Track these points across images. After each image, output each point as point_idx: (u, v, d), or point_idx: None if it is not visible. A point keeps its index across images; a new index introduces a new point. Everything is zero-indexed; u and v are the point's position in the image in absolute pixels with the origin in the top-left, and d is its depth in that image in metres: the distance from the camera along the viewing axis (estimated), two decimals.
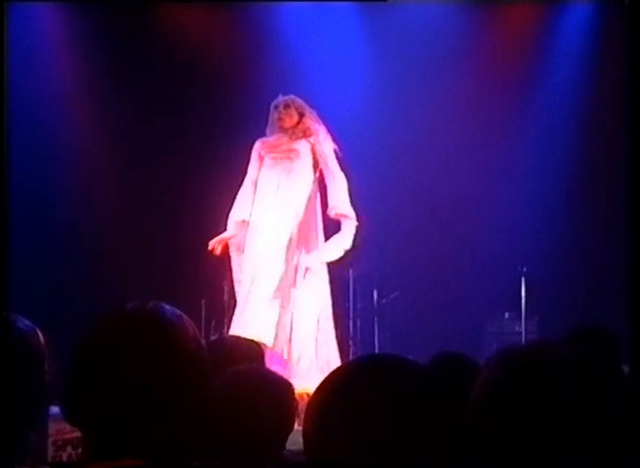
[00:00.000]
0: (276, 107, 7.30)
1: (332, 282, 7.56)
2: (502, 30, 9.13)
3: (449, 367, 2.71)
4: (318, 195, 7.29)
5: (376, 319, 8.48)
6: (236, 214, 7.28)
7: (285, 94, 7.29)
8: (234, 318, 7.13)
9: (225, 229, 7.23)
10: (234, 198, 7.26)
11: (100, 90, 8.89)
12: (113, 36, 8.96)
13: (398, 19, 9.00)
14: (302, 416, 1.41)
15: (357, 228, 7.21)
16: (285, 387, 2.42)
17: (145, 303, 1.49)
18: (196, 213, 7.83)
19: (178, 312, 1.49)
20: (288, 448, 3.14)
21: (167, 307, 1.48)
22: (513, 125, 9.05)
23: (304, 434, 1.38)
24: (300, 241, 7.14)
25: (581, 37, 9.05)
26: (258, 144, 7.39)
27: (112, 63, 8.93)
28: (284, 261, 7.02)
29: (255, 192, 7.31)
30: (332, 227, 7.27)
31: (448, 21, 8.96)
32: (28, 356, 1.64)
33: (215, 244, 7.16)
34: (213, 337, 6.99)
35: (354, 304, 8.29)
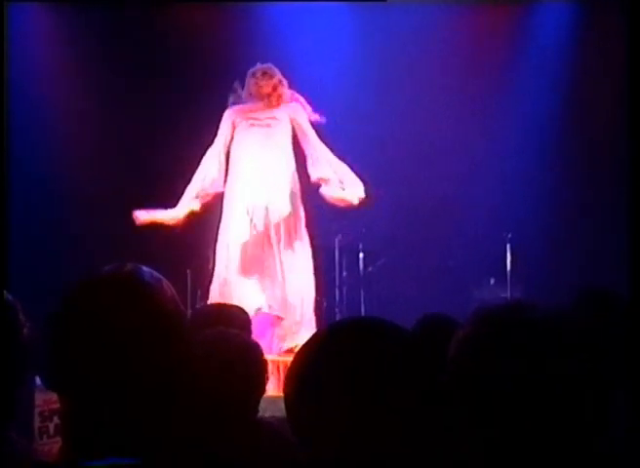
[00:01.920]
0: (253, 74, 7.24)
1: (318, 250, 7.56)
2: (489, 29, 9.26)
3: (436, 329, 2.70)
4: (295, 163, 7.26)
5: (362, 287, 8.49)
6: (206, 179, 7.17)
7: None
8: (213, 287, 7.10)
9: None
10: None
11: (98, 88, 8.87)
12: (112, 36, 8.97)
13: (389, 18, 9.08)
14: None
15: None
16: (250, 348, 2.42)
17: (123, 265, 1.47)
18: (182, 183, 7.78)
19: (156, 274, 1.47)
20: (273, 414, 3.14)
21: (145, 269, 1.47)
22: (499, 98, 9.15)
23: (285, 398, 1.37)
24: (282, 208, 7.11)
25: (564, 34, 9.23)
26: (229, 112, 7.30)
27: (111, 62, 8.93)
28: (275, 229, 7.01)
29: (226, 160, 7.23)
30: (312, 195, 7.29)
31: (437, 21, 9.08)
32: (5, 318, 1.64)
33: (141, 219, 7.06)
34: (198, 306, 6.97)
35: (340, 272, 8.30)
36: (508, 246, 8.06)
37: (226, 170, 7.24)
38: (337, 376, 1.30)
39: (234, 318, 2.91)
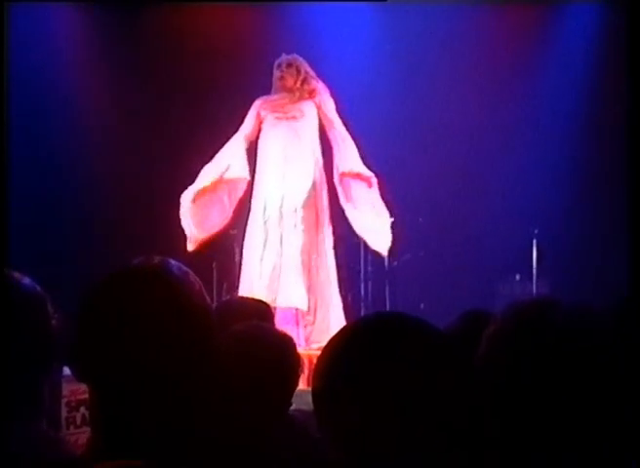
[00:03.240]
0: (279, 66, 7.22)
1: (344, 245, 7.58)
2: (512, 29, 9.19)
3: (477, 326, 2.67)
4: (321, 157, 7.26)
5: (387, 281, 8.49)
6: (222, 164, 7.17)
7: None
8: (245, 277, 7.12)
9: None
10: None
11: (114, 87, 8.92)
12: (132, 36, 9.00)
13: (409, 18, 9.05)
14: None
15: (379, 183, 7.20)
16: (284, 341, 2.43)
17: (151, 258, 1.49)
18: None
19: (184, 268, 1.49)
20: (298, 407, 3.16)
21: (173, 262, 1.49)
22: (525, 91, 9.11)
23: (313, 392, 1.38)
24: (309, 202, 7.12)
25: (587, 36, 9.13)
26: (258, 102, 7.29)
27: (126, 61, 8.97)
28: (303, 225, 7.02)
29: (246, 147, 7.22)
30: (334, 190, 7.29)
31: (457, 21, 9.02)
32: (34, 309, 1.66)
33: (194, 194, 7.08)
34: (225, 299, 7.00)
35: (365, 267, 8.30)
36: (534, 241, 8.02)
37: (248, 161, 7.25)
38: (365, 373, 1.30)
39: (258, 311, 2.92)
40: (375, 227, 7.17)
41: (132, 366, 1.40)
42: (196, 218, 7.09)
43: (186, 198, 7.08)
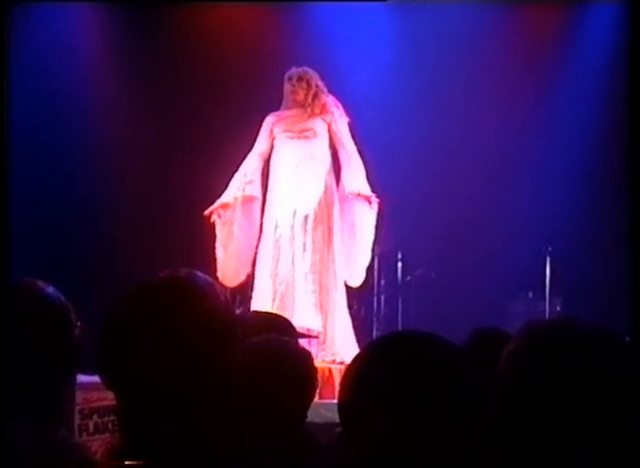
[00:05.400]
0: (289, 80, 7.23)
1: None
2: (532, 29, 9.11)
3: (489, 344, 2.69)
4: (333, 176, 7.31)
5: (400, 296, 8.50)
6: (239, 185, 7.25)
7: None
8: (257, 295, 7.17)
9: None
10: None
11: (127, 88, 8.95)
12: (150, 35, 9.01)
13: (427, 18, 9.01)
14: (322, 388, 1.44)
15: (380, 205, 7.23)
16: (303, 355, 2.45)
17: (178, 271, 1.53)
18: (221, 187, 7.85)
19: (210, 280, 1.53)
20: (312, 420, 3.18)
21: (199, 275, 1.53)
22: (540, 109, 9.05)
23: (340, 404, 1.41)
24: (320, 221, 7.17)
25: (610, 36, 8.98)
26: (270, 119, 7.32)
27: (143, 62, 8.99)
28: (314, 243, 7.06)
29: (260, 166, 7.30)
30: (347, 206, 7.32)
31: (476, 21, 8.95)
32: (58, 317, 1.70)
33: (214, 210, 7.17)
34: (238, 311, 7.04)
35: (378, 281, 8.32)
36: (548, 259, 8.02)
37: (262, 178, 7.33)
38: (389, 386, 1.34)
39: (278, 325, 2.95)
40: (351, 262, 7.25)
41: (158, 376, 1.43)
42: (222, 239, 7.20)
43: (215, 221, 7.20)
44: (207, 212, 7.24)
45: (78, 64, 8.94)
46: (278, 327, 2.93)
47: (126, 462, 1.44)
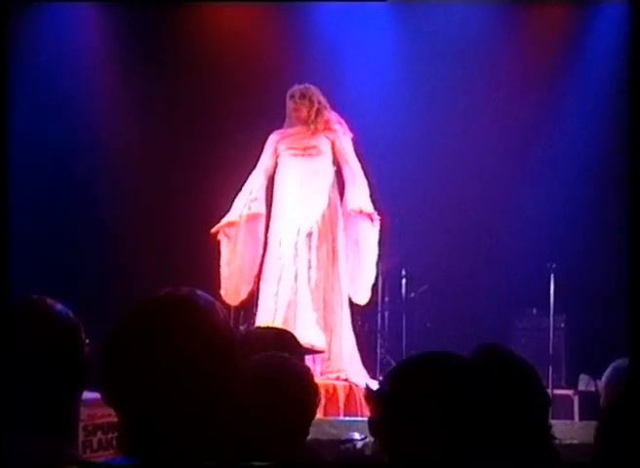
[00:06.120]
0: (292, 97, 7.28)
1: None
2: (536, 30, 9.06)
3: (493, 360, 2.70)
4: (337, 193, 7.34)
5: (404, 312, 8.51)
6: (245, 203, 7.28)
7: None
8: (261, 312, 7.18)
9: None
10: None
11: (131, 88, 8.95)
12: (154, 36, 9.01)
13: (430, 19, 8.97)
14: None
15: (382, 222, 7.26)
16: (303, 372, 2.47)
17: (179, 289, 1.55)
18: (223, 203, 7.88)
19: (210, 298, 1.55)
20: (317, 437, 3.18)
21: (200, 293, 1.55)
22: (544, 121, 9.02)
23: (372, 419, 1.49)
24: (324, 239, 7.19)
25: (617, 37, 8.87)
26: (274, 137, 7.36)
27: (148, 62, 8.98)
28: (318, 261, 7.09)
29: (265, 184, 7.33)
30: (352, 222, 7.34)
31: (479, 22, 8.90)
32: (67, 334, 1.72)
33: (220, 228, 7.21)
34: (242, 328, 7.06)
35: (382, 298, 8.33)
36: (552, 276, 8.02)
37: (266, 196, 7.37)
38: (416, 403, 1.44)
39: (287, 342, 2.97)
40: (356, 280, 7.27)
41: (158, 393, 1.45)
42: (226, 256, 7.23)
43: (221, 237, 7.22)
44: (213, 230, 7.28)
45: (84, 67, 8.94)
46: (283, 342, 2.94)
47: None
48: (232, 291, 7.21)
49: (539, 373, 1.62)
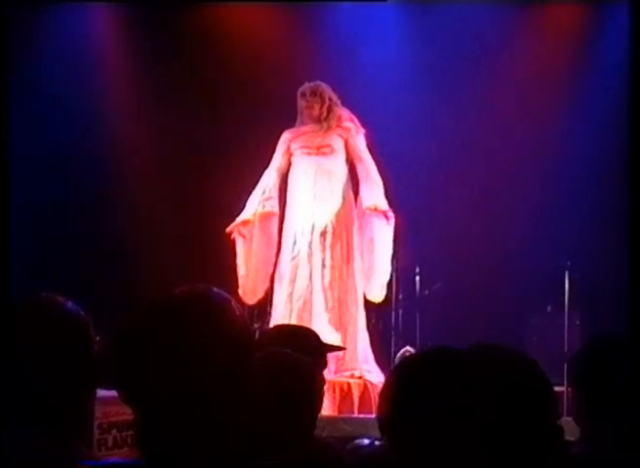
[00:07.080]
0: (303, 95, 7.28)
1: None
2: (547, 30, 9.05)
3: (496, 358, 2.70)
4: (352, 191, 7.33)
5: (418, 310, 8.49)
6: (259, 201, 7.29)
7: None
8: (275, 311, 7.18)
9: None
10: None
11: (145, 86, 8.98)
12: (161, 36, 9.02)
13: (440, 19, 8.98)
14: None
15: (397, 219, 7.25)
16: (306, 367, 2.46)
17: (195, 286, 1.54)
18: (237, 202, 7.89)
19: (226, 295, 1.55)
20: (331, 434, 3.18)
21: (216, 290, 1.54)
22: (557, 120, 9.00)
23: (378, 417, 1.49)
24: (339, 237, 7.19)
25: (626, 37, 8.81)
26: (287, 135, 7.36)
27: (161, 62, 8.99)
28: (332, 260, 7.09)
29: (278, 183, 7.33)
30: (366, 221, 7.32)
31: (489, 22, 8.90)
32: (78, 332, 1.72)
33: (235, 227, 7.22)
34: (256, 326, 7.07)
35: (396, 295, 8.31)
36: (567, 273, 7.99)
37: (279, 194, 7.37)
38: (425, 399, 1.42)
39: (308, 340, 2.97)
40: (371, 278, 7.26)
41: (174, 391, 1.45)
42: (242, 255, 7.24)
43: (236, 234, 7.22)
44: (228, 229, 7.28)
45: (95, 68, 8.98)
46: (304, 339, 2.94)
47: None
48: (250, 290, 7.21)
49: (542, 371, 1.61)
